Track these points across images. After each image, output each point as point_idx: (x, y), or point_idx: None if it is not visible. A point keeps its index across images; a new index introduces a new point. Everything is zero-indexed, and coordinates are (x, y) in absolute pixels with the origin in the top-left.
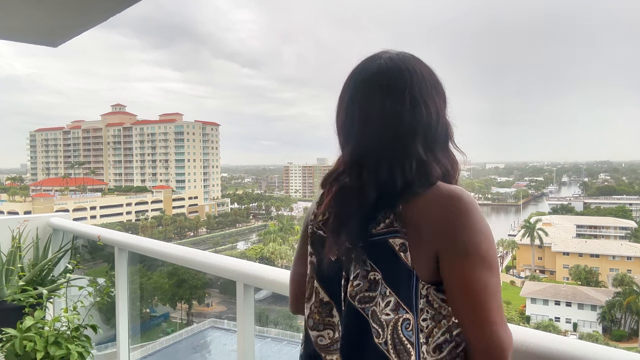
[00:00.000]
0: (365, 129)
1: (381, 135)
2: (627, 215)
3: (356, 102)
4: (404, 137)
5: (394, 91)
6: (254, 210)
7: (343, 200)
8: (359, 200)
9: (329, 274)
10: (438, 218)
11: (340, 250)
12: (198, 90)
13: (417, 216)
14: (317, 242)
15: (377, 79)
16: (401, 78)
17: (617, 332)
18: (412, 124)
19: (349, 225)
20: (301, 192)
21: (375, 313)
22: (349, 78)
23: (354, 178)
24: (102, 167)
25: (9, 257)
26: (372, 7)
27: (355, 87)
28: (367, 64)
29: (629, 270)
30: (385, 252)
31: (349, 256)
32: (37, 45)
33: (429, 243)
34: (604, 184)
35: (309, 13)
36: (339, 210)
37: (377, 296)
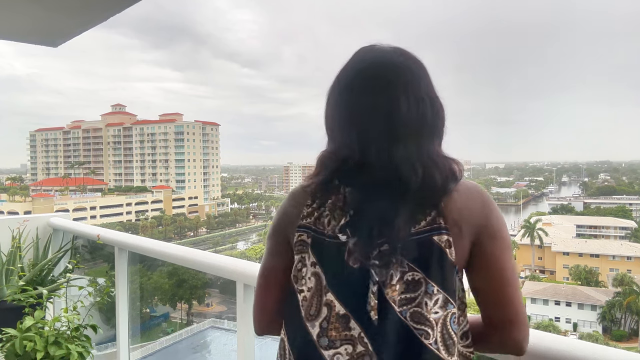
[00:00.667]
0: (387, 124)
1: (411, 131)
2: (627, 215)
3: (367, 96)
4: (431, 133)
5: (412, 85)
6: (254, 210)
7: (375, 202)
8: (396, 200)
9: (348, 284)
10: (474, 211)
11: (371, 255)
12: (198, 90)
13: (456, 211)
14: (327, 250)
15: (390, 73)
16: (416, 72)
17: (617, 332)
18: (434, 119)
19: (389, 227)
20: None
21: (420, 314)
22: (351, 70)
23: (378, 177)
24: (102, 167)
25: (9, 257)
26: (372, 7)
27: (365, 80)
28: (372, 57)
29: (629, 270)
30: (428, 250)
31: (388, 260)
32: (37, 45)
33: (467, 236)
34: (604, 184)
35: (308, 13)
36: (374, 213)
37: (419, 296)
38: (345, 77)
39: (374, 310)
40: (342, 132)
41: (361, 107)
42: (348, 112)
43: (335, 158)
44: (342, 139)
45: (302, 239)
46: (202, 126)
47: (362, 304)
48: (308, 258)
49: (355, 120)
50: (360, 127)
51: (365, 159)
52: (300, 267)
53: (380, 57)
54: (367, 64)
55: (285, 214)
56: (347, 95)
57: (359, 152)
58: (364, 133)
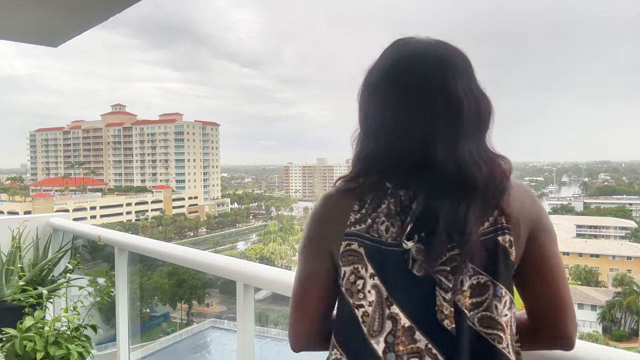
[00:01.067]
0: (449, 122)
1: (471, 128)
2: (627, 215)
3: (423, 93)
4: (485, 129)
5: (465, 80)
6: (254, 210)
7: (442, 204)
8: (464, 201)
9: (412, 294)
10: (528, 207)
11: (438, 261)
12: (198, 90)
13: (515, 210)
14: (388, 259)
15: (445, 68)
16: (467, 67)
17: (617, 332)
18: (487, 115)
19: (459, 230)
20: (301, 192)
21: (490, 318)
22: (399, 65)
23: (445, 177)
24: (102, 167)
25: (9, 257)
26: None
27: (417, 76)
28: (420, 51)
29: (629, 270)
30: (494, 252)
31: (458, 265)
32: (37, 45)
33: (524, 233)
34: (604, 184)
35: (308, 13)
36: (442, 216)
37: (486, 300)
38: (394, 72)
39: (448, 319)
40: (396, 130)
41: (419, 104)
42: (403, 110)
43: (385, 158)
44: (396, 137)
45: (352, 249)
46: (202, 126)
47: (429, 314)
48: (364, 269)
49: (414, 118)
50: (421, 126)
51: (430, 158)
52: (354, 280)
53: (430, 51)
54: (417, 58)
55: (325, 221)
56: (399, 92)
57: (422, 151)
58: (426, 131)
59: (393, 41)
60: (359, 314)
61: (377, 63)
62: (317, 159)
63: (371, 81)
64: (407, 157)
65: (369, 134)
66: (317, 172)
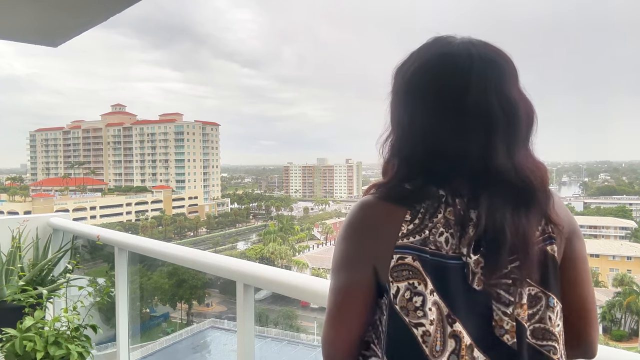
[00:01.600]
0: (504, 126)
1: (524, 133)
2: (627, 215)
3: (477, 95)
4: (533, 135)
5: (513, 83)
6: (254, 210)
7: (503, 214)
8: (523, 210)
9: (472, 309)
10: (565, 215)
11: (500, 273)
12: (198, 90)
13: (557, 218)
14: (450, 274)
15: (495, 69)
16: (513, 69)
17: (617, 332)
18: (534, 120)
19: (522, 241)
20: (301, 192)
21: (544, 329)
22: (445, 65)
23: (504, 185)
24: (102, 167)
25: (9, 257)
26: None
27: (466, 75)
28: (466, 51)
29: (629, 270)
30: (544, 262)
31: (519, 277)
32: (37, 45)
33: (563, 241)
34: (604, 184)
35: (308, 13)
36: (505, 226)
37: (540, 311)
38: (442, 73)
39: (509, 334)
40: (448, 135)
41: (474, 108)
42: (456, 114)
43: (435, 163)
44: (448, 142)
45: (406, 263)
46: (202, 126)
47: (486, 330)
48: (423, 285)
49: (468, 123)
50: (477, 131)
51: (488, 165)
52: (410, 297)
53: (481, 53)
54: (469, 59)
55: (368, 232)
56: (449, 95)
57: (479, 157)
58: (484, 137)
59: (433, 39)
60: (418, 333)
61: (418, 62)
62: (317, 159)
63: (413, 81)
64: (461, 164)
65: (410, 138)
66: (317, 172)
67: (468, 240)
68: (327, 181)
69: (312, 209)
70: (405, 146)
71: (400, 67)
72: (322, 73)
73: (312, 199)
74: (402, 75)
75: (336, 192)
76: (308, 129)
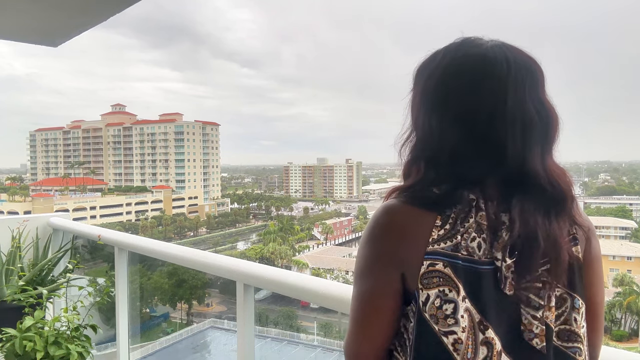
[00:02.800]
0: (538, 131)
1: (554, 137)
2: (627, 215)
3: (507, 98)
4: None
5: (542, 87)
6: (254, 210)
7: (535, 217)
8: (553, 213)
9: (503, 315)
10: (584, 216)
11: (531, 277)
12: (197, 90)
13: (579, 219)
14: (483, 280)
15: (528, 73)
16: (543, 73)
17: (617, 332)
18: (559, 126)
19: (554, 244)
20: (301, 192)
21: (570, 331)
22: (475, 68)
23: (537, 188)
24: (102, 167)
25: (9, 257)
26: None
27: (501, 78)
28: (496, 52)
29: (629, 270)
30: (571, 263)
31: (549, 281)
32: (37, 45)
33: (585, 242)
34: (604, 184)
35: (308, 13)
36: (538, 230)
37: (565, 312)
38: (473, 75)
39: (539, 337)
40: (481, 138)
41: (510, 112)
42: (488, 117)
43: (464, 167)
44: (480, 145)
45: (437, 269)
46: (202, 126)
47: (515, 334)
48: (455, 292)
49: (502, 127)
50: (512, 135)
51: (521, 169)
52: (439, 305)
53: (515, 56)
54: (503, 62)
55: (395, 238)
56: (480, 97)
57: (512, 161)
58: (519, 141)
59: (461, 40)
60: (449, 341)
61: (448, 62)
62: (317, 159)
63: (443, 82)
64: (495, 168)
65: (438, 140)
66: (317, 172)
67: (502, 244)
68: (327, 181)
69: (312, 209)
70: (433, 148)
71: (425, 67)
72: (322, 73)
73: (312, 199)
74: (428, 75)
75: (336, 192)
76: (308, 129)
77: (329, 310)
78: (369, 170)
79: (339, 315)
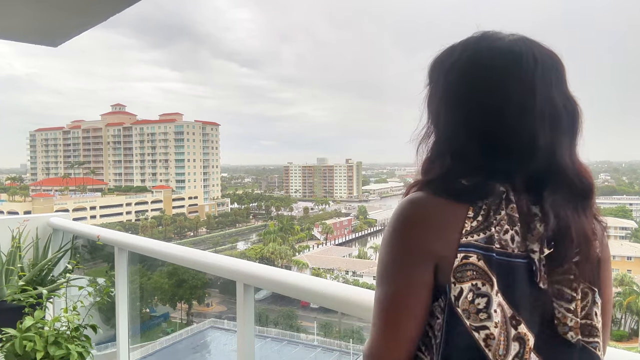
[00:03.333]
0: (567, 124)
1: (577, 134)
2: (627, 215)
3: (536, 92)
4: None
5: (564, 78)
6: (254, 210)
7: (567, 210)
8: (581, 206)
9: (536, 309)
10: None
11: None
12: (197, 90)
13: (599, 215)
14: (517, 273)
15: (554, 66)
16: (564, 66)
17: (617, 332)
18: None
19: (585, 237)
20: (301, 192)
21: (590, 325)
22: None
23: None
24: (102, 167)
25: (8, 257)
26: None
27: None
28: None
29: (629, 270)
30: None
31: (578, 274)
32: (37, 45)
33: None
34: (604, 184)
35: (307, 12)
36: (570, 223)
37: (586, 306)
38: (504, 70)
39: (573, 331)
40: (512, 133)
41: (541, 104)
42: (519, 109)
43: (495, 160)
44: (512, 140)
45: (470, 262)
46: (202, 126)
47: (547, 329)
48: (488, 285)
49: (533, 120)
50: (543, 128)
51: (551, 163)
52: (472, 299)
53: (539, 50)
54: (529, 55)
55: (426, 230)
56: (514, 91)
57: (544, 154)
58: (550, 134)
59: (479, 34)
60: (480, 337)
61: (471, 57)
62: (317, 159)
63: (468, 77)
64: (526, 161)
65: (464, 135)
66: (317, 172)
67: (538, 236)
68: (327, 181)
69: (312, 209)
70: (461, 143)
71: (443, 61)
72: (321, 73)
73: (312, 199)
74: (449, 69)
75: (336, 192)
76: (308, 129)
77: (329, 310)
78: (369, 170)
79: (339, 315)
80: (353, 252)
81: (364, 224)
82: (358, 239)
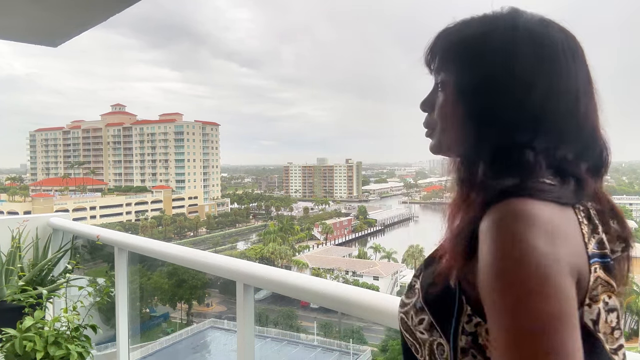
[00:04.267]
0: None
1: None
2: (627, 216)
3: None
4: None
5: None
6: (254, 210)
7: (617, 206)
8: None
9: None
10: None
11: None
12: (197, 90)
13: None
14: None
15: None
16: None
17: None
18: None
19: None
20: (301, 192)
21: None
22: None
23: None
24: (102, 167)
25: (8, 257)
26: (371, 7)
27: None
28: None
29: None
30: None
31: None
32: (37, 45)
33: None
34: (604, 184)
35: (307, 12)
36: (624, 219)
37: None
38: (562, 53)
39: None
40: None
41: (595, 91)
42: (591, 99)
43: (566, 152)
44: (580, 129)
45: (597, 275)
46: (202, 126)
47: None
48: (614, 297)
49: (595, 107)
50: (599, 122)
51: (605, 160)
52: (605, 317)
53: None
54: (574, 39)
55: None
56: (587, 80)
57: (602, 152)
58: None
59: (508, 11)
60: (619, 358)
61: (519, 38)
62: (317, 159)
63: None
64: (585, 152)
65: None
66: (317, 172)
67: (615, 235)
68: (327, 181)
69: (312, 209)
70: (528, 135)
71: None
72: (321, 73)
73: (312, 199)
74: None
75: (336, 192)
76: (308, 129)
77: (329, 310)
78: (369, 170)
79: (339, 315)
80: (353, 252)
81: (364, 224)
82: (358, 239)
